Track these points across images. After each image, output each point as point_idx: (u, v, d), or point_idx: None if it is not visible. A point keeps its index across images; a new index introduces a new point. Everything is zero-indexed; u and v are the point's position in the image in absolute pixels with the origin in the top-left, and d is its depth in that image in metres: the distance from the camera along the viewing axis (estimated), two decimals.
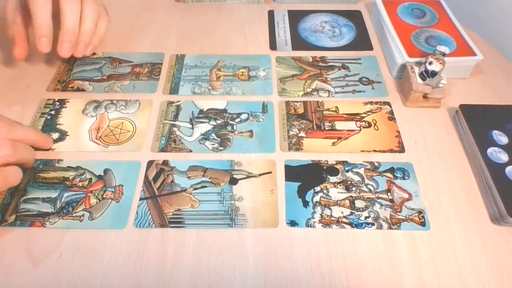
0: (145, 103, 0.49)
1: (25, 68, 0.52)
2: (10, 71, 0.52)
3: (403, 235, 0.38)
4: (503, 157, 0.41)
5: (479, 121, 0.45)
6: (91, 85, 0.51)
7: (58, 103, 0.48)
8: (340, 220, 0.39)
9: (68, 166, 0.42)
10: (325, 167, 0.43)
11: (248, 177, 0.42)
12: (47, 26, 0.44)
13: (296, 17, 0.62)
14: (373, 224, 0.38)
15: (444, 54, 0.46)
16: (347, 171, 0.42)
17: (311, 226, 0.38)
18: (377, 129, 0.46)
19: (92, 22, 0.47)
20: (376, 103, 0.49)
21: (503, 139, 0.43)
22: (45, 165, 0.42)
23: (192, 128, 0.46)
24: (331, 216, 0.39)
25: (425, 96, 0.48)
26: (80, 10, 0.45)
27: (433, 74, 0.46)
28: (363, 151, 0.44)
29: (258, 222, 0.38)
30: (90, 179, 0.41)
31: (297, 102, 0.49)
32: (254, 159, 0.43)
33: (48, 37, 0.45)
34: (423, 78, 0.47)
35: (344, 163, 0.43)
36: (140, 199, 0.40)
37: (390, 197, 0.40)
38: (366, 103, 0.49)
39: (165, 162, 0.43)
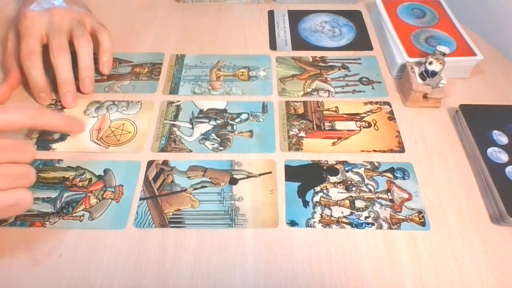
0: (146, 105, 0.49)
1: None
2: None
3: (403, 235, 0.38)
4: (503, 157, 0.41)
5: (479, 121, 0.45)
6: None
7: (59, 104, 0.48)
8: (340, 220, 0.39)
9: (68, 166, 0.42)
10: (325, 167, 0.43)
11: (248, 177, 0.42)
12: (42, 82, 0.46)
13: (296, 17, 0.62)
14: (373, 224, 0.38)
15: (444, 54, 0.46)
16: (347, 171, 0.42)
17: (311, 226, 0.38)
18: (377, 129, 0.46)
19: (88, 56, 0.47)
20: (376, 103, 0.49)
21: (503, 139, 0.43)
22: (45, 165, 0.42)
23: (192, 128, 0.46)
24: (331, 216, 0.39)
25: (425, 96, 0.48)
26: (71, 57, 0.46)
27: (433, 74, 0.46)
28: (363, 151, 0.44)
29: (258, 222, 0.38)
30: (90, 179, 0.41)
31: (297, 102, 0.49)
32: (254, 159, 0.43)
33: (46, 92, 0.47)
34: (423, 78, 0.47)
35: (344, 163, 0.43)
36: (140, 199, 0.40)
37: (390, 197, 0.40)
38: (366, 103, 0.49)
39: (165, 162, 0.43)
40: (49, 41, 0.46)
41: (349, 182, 0.42)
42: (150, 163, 0.43)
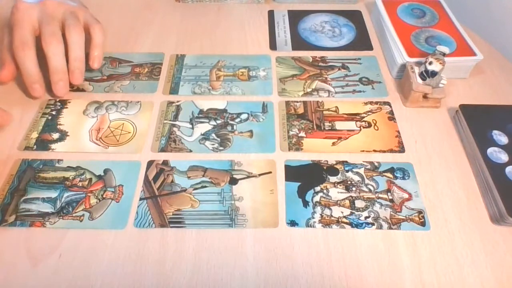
0: (146, 105, 0.49)
1: None
2: None
3: (403, 235, 0.38)
4: (503, 157, 0.41)
5: (479, 121, 0.45)
6: (91, 85, 0.51)
7: (59, 104, 0.48)
8: (340, 220, 0.39)
9: (68, 166, 0.42)
10: (325, 167, 0.43)
11: (248, 177, 0.42)
12: (35, 73, 0.46)
13: (296, 17, 0.62)
14: (373, 224, 0.38)
15: (444, 54, 0.46)
16: (347, 171, 0.42)
17: (311, 226, 0.38)
18: (377, 129, 0.46)
19: (79, 47, 0.47)
20: (376, 103, 0.49)
21: (503, 139, 0.43)
22: (45, 165, 0.42)
23: (192, 128, 0.46)
24: (331, 216, 0.39)
25: (425, 96, 0.48)
26: (63, 46, 0.46)
27: (433, 74, 0.46)
28: (363, 151, 0.44)
29: (258, 222, 0.38)
30: (90, 179, 0.41)
31: (297, 102, 0.49)
32: (254, 159, 0.43)
33: (39, 83, 0.46)
34: (423, 78, 0.47)
35: (344, 163, 0.43)
36: (140, 199, 0.40)
37: (390, 197, 0.40)
38: (366, 103, 0.49)
39: (165, 162, 0.43)
40: (41, 30, 0.45)
41: (349, 182, 0.42)
42: (150, 163, 0.43)
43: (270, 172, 0.42)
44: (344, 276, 0.35)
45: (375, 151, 0.44)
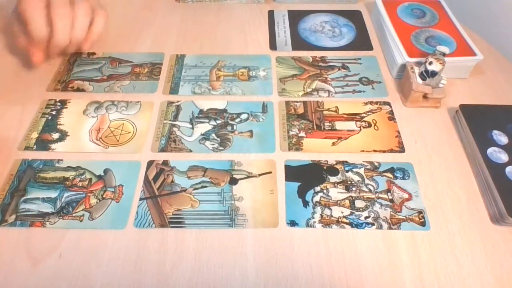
0: (146, 105, 0.49)
1: (25, 68, 0.52)
2: (10, 71, 0.52)
3: (403, 235, 0.38)
4: (503, 157, 0.41)
5: (479, 121, 0.45)
6: (91, 85, 0.51)
7: (59, 104, 0.48)
8: (340, 220, 0.39)
9: (68, 166, 0.42)
10: (325, 167, 0.43)
11: (248, 177, 0.42)
12: (42, 35, 0.45)
13: (296, 17, 0.62)
14: (373, 224, 0.38)
15: (444, 54, 0.46)
16: (347, 171, 0.42)
17: (311, 226, 0.38)
18: (377, 129, 0.46)
19: (81, 28, 0.47)
20: (376, 103, 0.49)
21: (503, 139, 0.43)
22: (45, 165, 0.42)
23: (192, 128, 0.46)
24: (331, 216, 0.39)
25: (425, 96, 0.48)
26: (72, 14, 0.46)
27: (433, 74, 0.46)
28: (363, 151, 0.44)
29: (258, 222, 0.38)
30: (90, 179, 0.41)
31: (297, 102, 0.49)
32: (254, 159, 0.43)
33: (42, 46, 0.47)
34: (423, 78, 0.47)
35: (344, 163, 0.43)
36: (140, 199, 0.40)
37: (390, 197, 0.40)
38: (366, 103, 0.49)
39: (165, 162, 0.43)
40: (52, 2, 0.45)
41: (349, 182, 0.42)
42: (150, 163, 0.43)
43: (270, 172, 0.42)
44: (344, 276, 0.35)
45: (375, 151, 0.44)
